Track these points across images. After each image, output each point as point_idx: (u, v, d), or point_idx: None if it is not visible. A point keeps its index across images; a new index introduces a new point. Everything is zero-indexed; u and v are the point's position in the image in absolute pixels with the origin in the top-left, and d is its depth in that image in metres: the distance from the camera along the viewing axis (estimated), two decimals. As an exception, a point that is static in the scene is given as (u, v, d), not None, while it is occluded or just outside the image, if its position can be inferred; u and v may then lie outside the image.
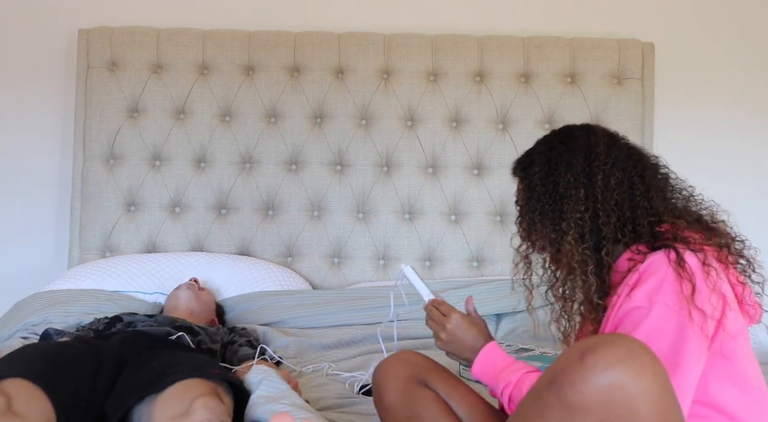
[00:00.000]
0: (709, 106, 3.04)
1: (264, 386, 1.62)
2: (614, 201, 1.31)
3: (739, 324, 1.28)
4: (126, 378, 1.64)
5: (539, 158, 1.41)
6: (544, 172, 1.37)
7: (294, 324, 2.44)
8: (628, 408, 1.04)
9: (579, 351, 1.08)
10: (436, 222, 2.90)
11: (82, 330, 2.09)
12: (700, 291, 1.20)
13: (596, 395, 1.04)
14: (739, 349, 1.26)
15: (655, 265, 1.24)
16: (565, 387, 1.06)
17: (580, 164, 1.34)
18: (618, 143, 1.39)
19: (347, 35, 2.95)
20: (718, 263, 1.27)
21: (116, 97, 2.91)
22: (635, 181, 1.34)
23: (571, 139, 1.41)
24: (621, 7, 3.05)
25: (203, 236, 2.91)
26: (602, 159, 1.34)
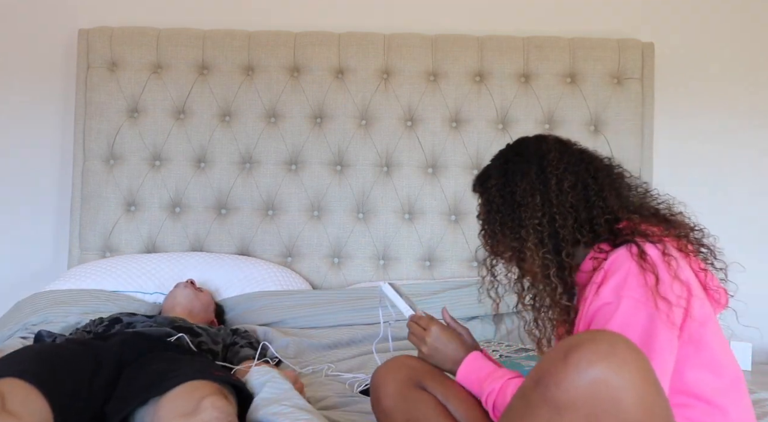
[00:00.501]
0: (709, 106, 3.04)
1: (268, 387, 1.62)
2: (569, 203, 1.34)
3: (707, 310, 1.30)
4: (127, 380, 1.63)
5: (495, 171, 1.44)
6: (501, 184, 1.41)
7: (294, 324, 2.44)
8: (614, 403, 1.05)
9: (562, 351, 1.09)
10: (436, 222, 2.90)
11: (76, 332, 2.08)
12: (663, 281, 1.23)
13: (581, 392, 1.06)
14: (709, 335, 1.28)
15: (618, 261, 1.26)
16: (550, 387, 1.08)
17: (534, 172, 1.37)
18: (570, 149, 1.42)
19: (347, 35, 2.95)
20: (678, 252, 1.30)
21: (116, 97, 2.91)
22: (589, 182, 1.36)
23: (524, 149, 1.44)
24: (621, 7, 3.05)
25: (203, 236, 2.91)
26: (554, 164, 1.37)
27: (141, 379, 1.61)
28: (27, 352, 1.65)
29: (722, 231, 3.11)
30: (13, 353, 1.66)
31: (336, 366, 2.08)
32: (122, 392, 1.60)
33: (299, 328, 2.43)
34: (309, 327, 2.43)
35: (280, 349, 2.17)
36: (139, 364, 1.67)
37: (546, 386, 1.09)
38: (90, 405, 1.58)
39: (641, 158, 2.91)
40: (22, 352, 1.65)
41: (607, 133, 2.90)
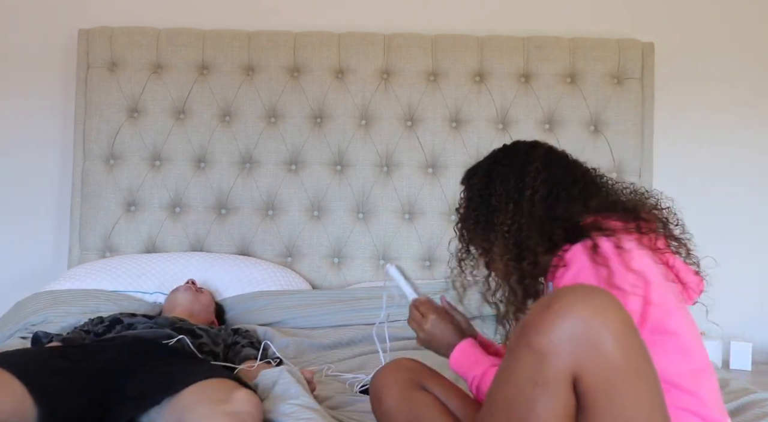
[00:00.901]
0: (709, 106, 3.04)
1: (278, 387, 1.62)
2: (538, 215, 1.37)
3: (671, 298, 1.33)
4: (134, 383, 1.59)
5: (481, 170, 1.50)
6: (483, 184, 1.47)
7: (294, 325, 2.44)
8: (594, 345, 1.10)
9: (544, 301, 1.15)
10: (436, 222, 2.90)
11: (74, 332, 2.08)
12: (615, 272, 1.26)
13: (563, 336, 1.10)
14: (674, 323, 1.31)
15: (572, 257, 1.31)
16: (532, 336, 1.13)
17: (513, 179, 1.42)
18: (556, 160, 1.46)
19: (347, 35, 2.95)
20: (636, 244, 1.32)
21: (116, 97, 2.91)
22: (561, 196, 1.39)
23: (512, 153, 1.49)
24: (621, 7, 3.05)
25: (203, 236, 2.91)
26: (533, 176, 1.40)
27: (151, 381, 1.57)
28: (16, 350, 1.62)
29: (722, 231, 3.14)
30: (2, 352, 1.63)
31: (336, 366, 2.09)
32: (131, 393, 1.56)
33: (299, 328, 2.43)
34: (309, 328, 2.43)
35: (280, 349, 2.16)
36: (145, 368, 1.63)
37: (528, 335, 1.14)
38: (82, 404, 1.54)
39: (641, 158, 2.91)
40: (11, 351, 1.63)
41: (607, 133, 2.90)
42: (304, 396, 1.57)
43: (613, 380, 1.11)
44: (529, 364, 1.13)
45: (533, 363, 1.13)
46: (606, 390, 1.11)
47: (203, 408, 1.42)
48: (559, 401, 1.12)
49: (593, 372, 1.11)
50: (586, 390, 1.12)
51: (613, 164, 2.90)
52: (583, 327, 1.11)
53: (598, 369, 1.11)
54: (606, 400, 1.11)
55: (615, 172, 2.90)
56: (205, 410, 1.42)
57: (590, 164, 2.34)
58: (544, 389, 1.12)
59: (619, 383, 1.12)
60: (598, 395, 1.11)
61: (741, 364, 2.78)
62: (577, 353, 1.10)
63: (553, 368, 1.11)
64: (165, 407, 1.50)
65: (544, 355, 1.12)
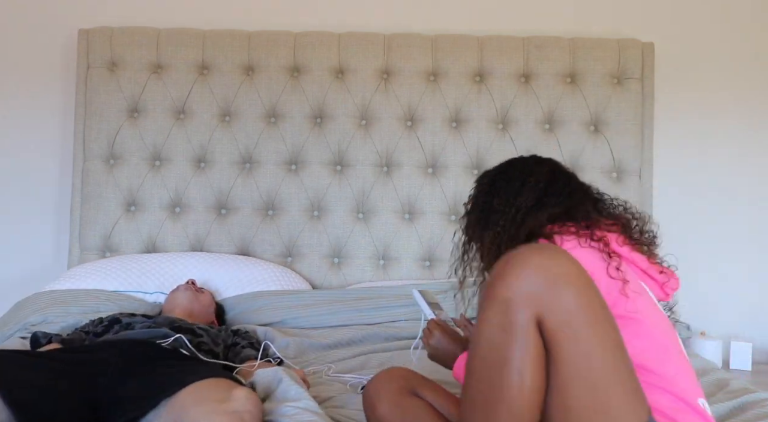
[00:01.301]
0: (709, 106, 3.04)
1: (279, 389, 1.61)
2: (519, 222, 1.52)
3: (616, 290, 1.39)
4: (130, 385, 1.57)
5: (491, 174, 1.63)
6: (489, 186, 1.60)
7: (294, 325, 2.44)
8: (552, 289, 1.20)
9: (505, 257, 1.26)
10: (436, 222, 2.90)
11: (74, 333, 2.07)
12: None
13: (522, 283, 1.21)
14: (629, 309, 1.38)
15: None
16: (496, 287, 1.23)
17: (514, 188, 1.56)
18: (556, 178, 1.58)
19: (347, 35, 2.95)
20: (581, 246, 1.43)
21: (116, 97, 2.91)
22: (545, 206, 1.52)
23: (521, 165, 1.62)
24: (621, 7, 3.05)
25: (203, 236, 2.91)
26: (529, 187, 1.54)
27: (148, 382, 1.55)
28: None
29: (722, 231, 3.14)
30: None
31: (336, 366, 2.08)
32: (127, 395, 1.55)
33: (299, 328, 2.43)
34: (309, 328, 2.43)
35: (281, 349, 2.16)
36: (142, 369, 1.61)
37: (493, 287, 1.24)
38: (66, 406, 1.52)
39: (641, 158, 2.91)
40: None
41: (607, 133, 2.90)
42: (306, 399, 1.57)
43: (573, 322, 1.20)
44: (496, 313, 1.22)
45: (500, 311, 1.22)
46: (568, 331, 1.20)
47: (202, 408, 1.42)
48: (528, 345, 1.20)
49: (553, 312, 1.19)
50: (550, 331, 1.20)
51: (613, 164, 2.90)
52: (540, 273, 1.21)
53: (557, 310, 1.19)
54: (569, 341, 1.20)
55: (615, 172, 2.90)
56: (204, 409, 1.41)
57: (590, 164, 2.63)
58: (513, 334, 1.20)
59: (580, 325, 1.20)
60: (560, 336, 1.20)
61: (741, 364, 2.78)
62: (537, 296, 1.20)
63: (518, 313, 1.20)
64: (163, 408, 1.49)
65: (507, 302, 1.21)
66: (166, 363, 1.65)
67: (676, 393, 1.32)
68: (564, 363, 1.21)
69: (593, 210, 1.53)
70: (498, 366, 1.22)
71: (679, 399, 1.31)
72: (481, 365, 1.25)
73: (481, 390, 1.25)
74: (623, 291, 1.39)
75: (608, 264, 1.41)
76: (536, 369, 1.20)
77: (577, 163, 2.90)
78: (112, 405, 1.54)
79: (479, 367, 1.25)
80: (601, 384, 1.21)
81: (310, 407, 1.53)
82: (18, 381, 1.50)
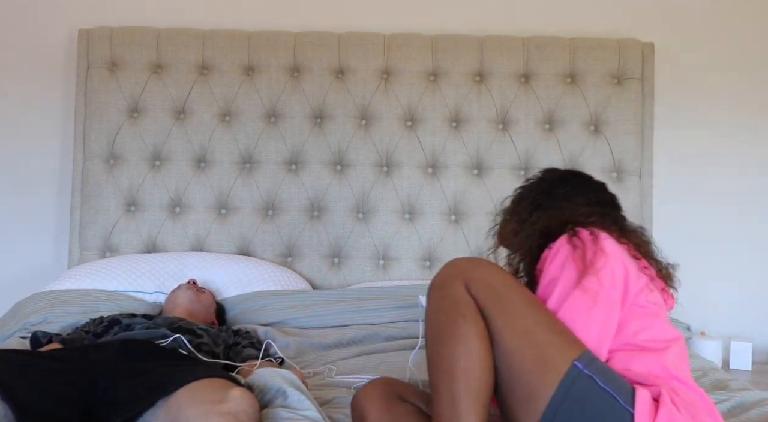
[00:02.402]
0: (709, 106, 3.04)
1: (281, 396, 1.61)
2: (550, 227, 1.63)
3: (641, 282, 1.51)
4: (127, 385, 1.57)
5: (535, 178, 1.78)
6: (530, 190, 1.75)
7: (294, 325, 2.44)
8: (474, 266, 1.44)
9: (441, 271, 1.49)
10: (436, 222, 2.90)
11: (74, 332, 2.07)
12: (588, 250, 1.50)
13: (449, 272, 1.45)
14: (647, 300, 1.49)
15: (558, 243, 1.55)
16: (434, 286, 1.47)
17: (549, 192, 1.72)
18: (586, 189, 1.73)
19: (347, 35, 2.95)
20: (616, 242, 1.55)
21: (116, 97, 2.91)
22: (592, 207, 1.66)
23: (561, 176, 1.78)
24: (621, 7, 3.05)
25: (203, 236, 2.91)
26: (561, 194, 1.70)
27: (145, 382, 1.56)
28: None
29: (722, 230, 3.14)
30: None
31: (336, 366, 2.08)
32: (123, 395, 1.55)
33: (299, 328, 2.43)
34: (309, 328, 2.43)
35: (281, 349, 2.16)
36: (138, 369, 1.61)
37: (432, 287, 1.47)
38: (60, 404, 1.52)
39: (641, 158, 2.91)
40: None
41: (607, 132, 2.90)
42: (311, 410, 1.55)
43: (494, 286, 1.41)
44: (438, 301, 1.42)
45: (439, 298, 1.42)
46: (490, 293, 1.40)
47: (198, 408, 1.42)
48: (470, 320, 1.38)
49: (475, 280, 1.41)
50: (477, 293, 1.40)
51: (613, 164, 2.90)
52: (463, 262, 1.47)
53: (478, 278, 1.41)
54: (493, 300, 1.39)
55: (615, 172, 2.90)
56: (200, 410, 1.41)
57: (590, 164, 2.74)
58: (455, 313, 1.39)
59: (498, 286, 1.41)
60: (487, 295, 1.39)
61: (741, 364, 2.78)
62: (462, 272, 1.42)
63: (451, 288, 1.41)
64: (159, 408, 1.49)
65: (441, 287, 1.43)
66: (163, 363, 1.65)
67: (668, 371, 1.42)
68: (495, 319, 1.38)
69: (623, 220, 1.69)
70: (448, 339, 1.38)
71: (681, 382, 1.42)
72: (433, 346, 1.41)
73: (441, 367, 1.38)
74: (649, 285, 1.52)
75: (638, 261, 1.54)
76: (479, 333, 1.37)
77: (577, 163, 2.90)
78: (109, 405, 1.54)
79: (432, 350, 1.41)
80: (531, 329, 1.38)
81: (312, 416, 1.53)
82: (18, 381, 1.50)
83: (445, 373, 1.37)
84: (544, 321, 1.40)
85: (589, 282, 1.44)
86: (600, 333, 1.42)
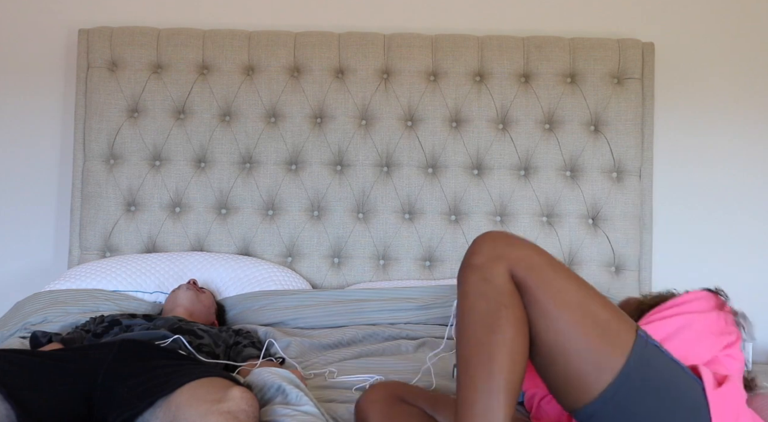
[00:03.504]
0: (709, 106, 3.04)
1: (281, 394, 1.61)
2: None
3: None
4: (127, 385, 1.57)
5: None
6: None
7: (294, 325, 2.44)
8: (512, 245, 1.40)
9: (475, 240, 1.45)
10: (436, 222, 2.90)
11: (74, 331, 2.07)
12: (728, 322, 1.66)
13: (486, 248, 1.39)
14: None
15: (697, 294, 1.66)
16: (470, 260, 1.40)
17: None
18: None
19: (347, 35, 2.95)
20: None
21: (116, 97, 2.91)
22: None
23: None
24: (621, 7, 3.05)
25: (203, 236, 2.91)
26: None
27: (144, 382, 1.56)
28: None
29: (722, 230, 3.14)
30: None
31: (337, 366, 2.08)
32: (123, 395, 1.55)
33: (300, 328, 2.42)
34: (309, 328, 2.43)
35: (282, 349, 2.16)
36: (137, 369, 1.61)
37: (468, 261, 1.40)
38: (63, 404, 1.53)
39: (641, 158, 2.92)
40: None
41: (607, 132, 2.90)
42: (308, 405, 1.56)
43: (538, 265, 1.36)
44: (478, 284, 1.35)
45: (480, 281, 1.35)
46: (537, 275, 1.35)
47: (198, 408, 1.42)
48: (512, 311, 1.33)
49: (521, 261, 1.35)
50: (524, 278, 1.34)
51: (613, 164, 2.90)
52: (502, 242, 1.38)
53: (523, 258, 1.36)
54: (542, 280, 1.35)
55: (615, 171, 2.90)
56: (199, 409, 1.41)
57: (590, 164, 2.83)
58: (497, 302, 1.33)
59: (546, 268, 1.36)
60: (534, 278, 1.34)
61: (741, 364, 2.77)
62: (505, 256, 1.36)
63: (492, 272, 1.35)
64: (159, 408, 1.49)
65: (482, 269, 1.36)
66: (163, 362, 1.65)
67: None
68: (546, 300, 1.34)
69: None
70: (489, 329, 1.32)
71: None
72: (471, 333, 1.35)
73: (480, 356, 1.33)
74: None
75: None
76: (522, 326, 1.33)
77: (577, 163, 2.90)
78: (109, 404, 1.54)
79: (470, 335, 1.35)
80: (586, 305, 1.35)
81: (310, 411, 1.53)
82: (19, 381, 1.50)
83: (483, 364, 1.32)
84: (594, 295, 1.38)
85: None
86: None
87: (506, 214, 2.90)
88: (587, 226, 2.90)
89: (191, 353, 1.83)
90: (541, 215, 2.91)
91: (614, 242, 2.87)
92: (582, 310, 1.35)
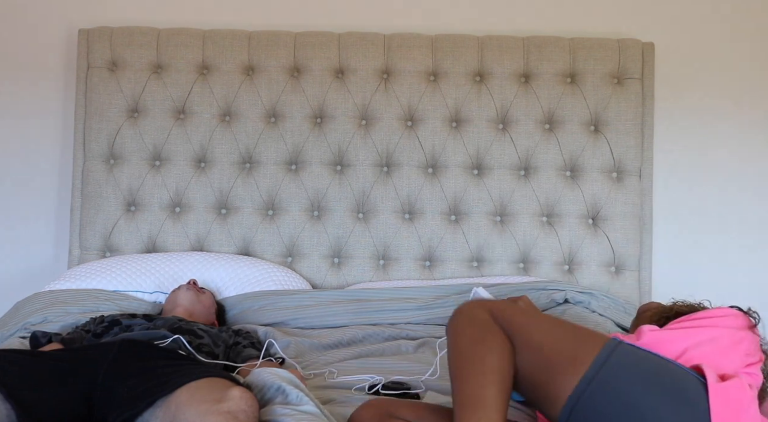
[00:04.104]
0: (709, 106, 3.04)
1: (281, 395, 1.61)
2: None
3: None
4: (127, 385, 1.57)
5: None
6: None
7: (294, 325, 2.44)
8: (493, 301, 1.61)
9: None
10: (436, 222, 2.90)
11: (74, 331, 2.07)
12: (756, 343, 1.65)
13: (467, 307, 1.56)
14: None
15: (726, 312, 1.74)
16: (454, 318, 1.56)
17: None
18: None
19: (347, 35, 2.95)
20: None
21: (116, 97, 2.91)
22: None
23: None
24: (621, 7, 3.05)
25: (203, 236, 2.91)
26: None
27: (144, 382, 1.56)
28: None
29: (722, 230, 3.14)
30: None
31: (337, 366, 2.08)
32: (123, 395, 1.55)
33: (300, 328, 2.42)
34: (309, 328, 2.43)
35: (282, 349, 2.16)
36: (137, 369, 1.61)
37: (451, 320, 1.55)
38: (62, 404, 1.53)
39: (641, 158, 2.92)
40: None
41: (607, 132, 2.90)
42: (308, 404, 1.56)
43: (515, 308, 1.54)
44: (466, 320, 1.51)
45: (468, 318, 1.51)
46: (514, 311, 1.52)
47: (197, 408, 1.42)
48: (496, 336, 1.46)
49: (499, 306, 1.52)
50: (501, 315, 1.49)
51: (613, 164, 2.90)
52: (477, 300, 1.60)
53: (502, 305, 1.54)
54: (519, 313, 1.52)
55: (615, 172, 2.90)
56: (199, 409, 1.41)
57: (590, 164, 2.92)
58: (483, 329, 1.47)
59: (522, 308, 1.58)
60: (510, 313, 1.50)
61: (741, 364, 2.77)
62: (485, 304, 1.53)
63: (476, 313, 1.50)
64: (159, 408, 1.49)
65: (468, 312, 1.52)
66: (163, 362, 1.65)
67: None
68: (522, 330, 1.47)
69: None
70: (479, 345, 1.46)
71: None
72: (462, 347, 1.48)
73: (473, 366, 1.45)
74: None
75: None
76: (506, 345, 1.45)
77: (577, 163, 2.90)
78: (109, 404, 1.54)
79: (462, 350, 1.48)
80: (561, 323, 1.53)
81: (311, 411, 1.53)
82: (19, 381, 1.50)
83: (476, 364, 1.44)
84: (570, 322, 1.54)
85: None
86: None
87: (506, 214, 2.90)
88: (587, 226, 2.90)
89: (191, 353, 1.83)
90: (541, 215, 2.91)
91: (614, 242, 2.87)
92: (558, 326, 1.51)
